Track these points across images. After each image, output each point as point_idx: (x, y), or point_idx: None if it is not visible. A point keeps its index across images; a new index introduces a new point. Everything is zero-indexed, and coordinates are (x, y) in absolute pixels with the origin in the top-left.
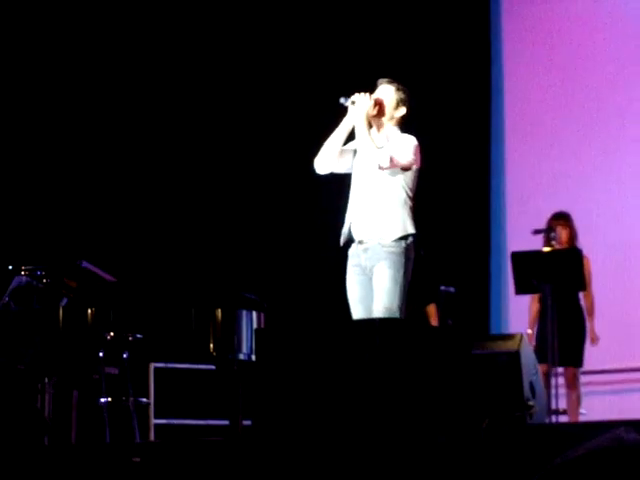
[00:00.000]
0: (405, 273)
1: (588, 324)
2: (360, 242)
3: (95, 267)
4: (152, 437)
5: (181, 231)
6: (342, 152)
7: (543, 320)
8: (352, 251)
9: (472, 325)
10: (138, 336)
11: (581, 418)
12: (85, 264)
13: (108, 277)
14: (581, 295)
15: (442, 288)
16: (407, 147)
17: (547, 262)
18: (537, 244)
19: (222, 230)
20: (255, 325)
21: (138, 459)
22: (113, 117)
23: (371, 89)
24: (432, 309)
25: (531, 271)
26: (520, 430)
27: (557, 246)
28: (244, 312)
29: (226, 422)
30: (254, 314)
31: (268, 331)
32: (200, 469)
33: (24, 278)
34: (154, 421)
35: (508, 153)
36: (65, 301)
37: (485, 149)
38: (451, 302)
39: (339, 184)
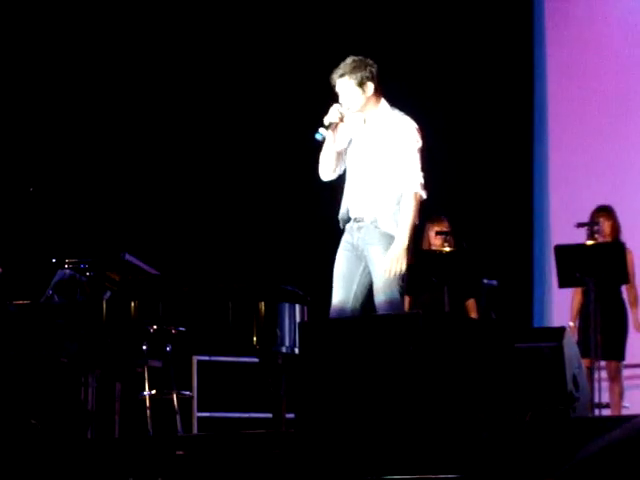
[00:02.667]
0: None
1: (631, 315)
2: (355, 220)
3: (138, 260)
4: (195, 430)
5: (225, 224)
6: (339, 155)
7: (585, 313)
8: (348, 227)
9: (515, 318)
10: (181, 329)
11: (624, 411)
12: (128, 257)
13: (151, 270)
14: (623, 288)
15: (485, 281)
16: (412, 149)
17: (590, 255)
18: (580, 237)
19: (266, 223)
20: (298, 318)
21: (181, 452)
22: (156, 117)
23: (333, 96)
24: (472, 303)
25: (575, 264)
26: (563, 423)
27: (600, 239)
28: (287, 305)
29: (269, 415)
30: (297, 307)
31: (312, 324)
32: (243, 462)
33: (67, 271)
34: (197, 414)
35: (551, 147)
36: (108, 294)
37: (528, 143)
38: (494, 295)
39: None
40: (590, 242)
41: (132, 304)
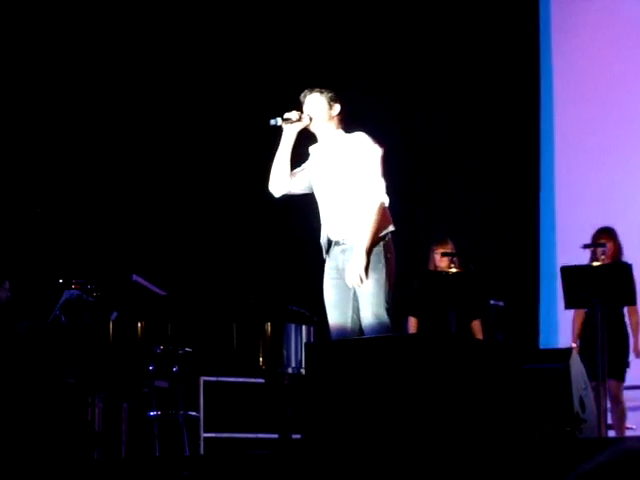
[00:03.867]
0: (387, 273)
1: (632, 339)
2: (337, 243)
3: (145, 281)
4: (201, 451)
5: (231, 245)
6: (294, 173)
7: (589, 335)
8: (331, 252)
9: (522, 339)
10: (188, 350)
11: (629, 433)
12: (135, 278)
13: (159, 291)
14: (625, 310)
15: (492, 302)
16: (372, 159)
17: (597, 276)
18: (587, 259)
19: (273, 244)
20: (304, 339)
21: (187, 473)
22: (163, 137)
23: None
24: (477, 325)
25: (581, 285)
26: (570, 445)
27: (605, 260)
28: (293, 326)
29: (275, 436)
30: (303, 328)
31: (318, 345)
32: None
33: (74, 292)
34: (203, 435)
35: (558, 167)
36: (115, 315)
37: (534, 163)
38: (500, 316)
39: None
40: (597, 263)
41: (139, 325)
